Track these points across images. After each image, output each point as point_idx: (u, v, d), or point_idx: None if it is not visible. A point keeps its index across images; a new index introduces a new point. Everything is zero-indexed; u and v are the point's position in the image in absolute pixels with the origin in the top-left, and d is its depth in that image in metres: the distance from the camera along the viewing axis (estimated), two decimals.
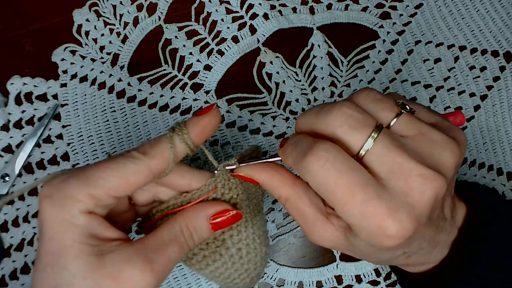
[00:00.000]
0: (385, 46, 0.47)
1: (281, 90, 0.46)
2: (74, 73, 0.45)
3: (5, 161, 0.43)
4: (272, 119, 0.45)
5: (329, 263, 0.42)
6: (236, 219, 0.29)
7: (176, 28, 0.47)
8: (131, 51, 0.46)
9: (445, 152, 0.25)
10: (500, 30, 0.47)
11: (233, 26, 0.47)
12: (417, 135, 0.25)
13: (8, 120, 0.44)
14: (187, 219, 0.28)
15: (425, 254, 0.28)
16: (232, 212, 0.28)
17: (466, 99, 0.46)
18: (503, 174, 0.44)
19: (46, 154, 0.44)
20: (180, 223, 0.27)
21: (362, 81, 0.46)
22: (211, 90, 0.46)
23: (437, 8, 0.48)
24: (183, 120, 0.28)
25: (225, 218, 0.28)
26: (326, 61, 0.47)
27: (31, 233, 0.42)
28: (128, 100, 0.45)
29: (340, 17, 0.48)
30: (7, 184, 0.42)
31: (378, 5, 0.48)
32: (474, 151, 0.45)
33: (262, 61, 0.47)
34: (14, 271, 0.41)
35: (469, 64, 0.47)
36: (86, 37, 0.46)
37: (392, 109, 0.26)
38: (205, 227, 0.28)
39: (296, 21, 0.48)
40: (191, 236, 0.28)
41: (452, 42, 0.47)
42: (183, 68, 0.46)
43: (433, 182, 0.23)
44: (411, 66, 0.47)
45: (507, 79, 0.46)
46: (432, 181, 0.23)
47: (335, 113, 0.25)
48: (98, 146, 0.44)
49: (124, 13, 0.47)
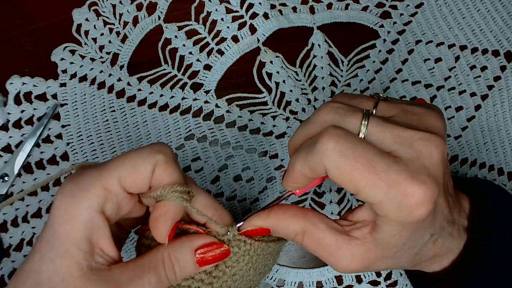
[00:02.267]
0: (386, 45, 0.47)
1: (281, 90, 0.46)
2: (74, 73, 0.45)
3: (4, 161, 0.43)
4: (272, 119, 0.45)
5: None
6: (224, 256, 0.27)
7: (176, 28, 0.47)
8: (130, 51, 0.46)
9: (431, 118, 0.26)
10: (501, 29, 0.47)
11: (233, 26, 0.47)
12: (399, 112, 0.26)
13: (7, 120, 0.44)
14: (170, 249, 0.26)
15: (448, 237, 0.28)
16: (222, 248, 0.27)
17: (467, 98, 0.46)
18: (504, 174, 0.44)
19: (45, 154, 0.44)
20: (163, 252, 0.26)
21: (363, 81, 0.46)
22: (211, 89, 0.46)
23: (437, 8, 0.48)
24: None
25: (213, 254, 0.27)
26: (327, 60, 0.47)
27: (30, 233, 0.42)
28: (128, 99, 0.45)
29: (341, 16, 0.48)
30: (6, 184, 0.42)
31: (378, 5, 0.48)
32: (475, 151, 0.45)
33: (262, 61, 0.46)
34: (14, 271, 0.41)
35: (470, 63, 0.47)
36: (85, 37, 0.46)
37: (369, 100, 0.27)
38: (189, 260, 0.27)
39: (296, 20, 0.47)
40: (173, 268, 0.26)
41: (452, 41, 0.47)
42: (183, 68, 0.46)
43: (434, 142, 0.24)
44: (412, 66, 0.47)
45: (508, 79, 0.46)
46: (433, 141, 0.24)
47: (323, 109, 0.26)
48: (97, 145, 0.44)
49: (124, 12, 0.47)
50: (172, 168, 0.26)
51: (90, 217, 0.24)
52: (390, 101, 0.27)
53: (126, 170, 0.25)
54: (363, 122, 0.24)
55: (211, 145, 0.44)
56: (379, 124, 0.24)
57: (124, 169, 0.25)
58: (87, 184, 0.25)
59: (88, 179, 0.25)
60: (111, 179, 0.25)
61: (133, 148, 0.44)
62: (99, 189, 0.25)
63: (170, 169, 0.26)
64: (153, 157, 0.25)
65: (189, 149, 0.44)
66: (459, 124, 0.45)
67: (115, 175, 0.25)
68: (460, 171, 0.44)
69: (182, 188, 0.26)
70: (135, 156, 0.25)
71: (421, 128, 0.25)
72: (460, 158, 0.44)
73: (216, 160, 0.44)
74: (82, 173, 0.26)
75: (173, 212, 0.26)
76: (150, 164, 0.25)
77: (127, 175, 0.25)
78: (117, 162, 0.25)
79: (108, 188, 0.25)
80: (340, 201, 0.43)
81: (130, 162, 0.25)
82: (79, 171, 0.26)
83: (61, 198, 0.25)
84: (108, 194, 0.25)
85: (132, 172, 0.25)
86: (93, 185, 0.25)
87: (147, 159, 0.25)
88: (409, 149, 0.24)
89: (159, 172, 0.26)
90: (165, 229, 0.26)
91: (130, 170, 0.25)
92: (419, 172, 0.23)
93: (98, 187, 0.25)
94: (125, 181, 0.25)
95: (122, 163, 0.25)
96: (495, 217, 0.30)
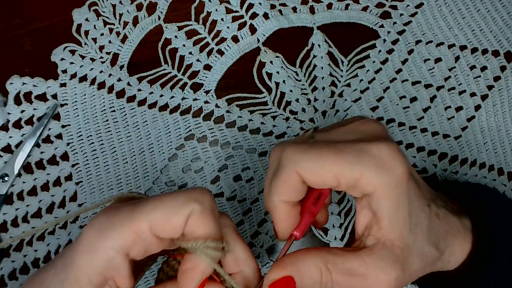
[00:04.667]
0: (386, 45, 0.47)
1: (281, 90, 0.46)
2: (74, 73, 0.45)
3: (4, 161, 0.43)
4: (272, 119, 0.45)
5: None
6: None
7: (176, 28, 0.47)
8: (130, 51, 0.46)
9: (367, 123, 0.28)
10: (501, 29, 0.47)
11: (233, 26, 0.47)
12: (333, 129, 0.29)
13: (7, 120, 0.44)
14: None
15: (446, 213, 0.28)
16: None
17: (466, 98, 0.46)
18: (504, 174, 0.44)
19: (45, 154, 0.44)
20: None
21: (363, 81, 0.46)
22: (211, 90, 0.46)
23: (437, 8, 0.48)
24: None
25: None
26: (327, 60, 0.47)
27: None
28: (128, 100, 0.45)
29: (341, 16, 0.48)
30: (6, 184, 0.42)
31: (378, 5, 0.48)
32: (475, 151, 0.45)
33: (262, 61, 0.46)
34: (13, 271, 0.41)
35: (469, 63, 0.47)
36: (85, 37, 0.46)
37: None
38: None
39: (296, 20, 0.47)
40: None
41: (452, 41, 0.47)
42: (183, 68, 0.46)
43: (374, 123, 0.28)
44: (412, 66, 0.47)
45: (508, 79, 0.46)
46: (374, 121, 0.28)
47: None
48: (97, 146, 0.44)
49: (124, 12, 0.47)
50: (208, 220, 0.25)
51: (111, 257, 0.24)
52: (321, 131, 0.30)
53: (158, 217, 0.24)
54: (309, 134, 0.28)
55: (211, 145, 0.44)
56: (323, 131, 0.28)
57: (156, 215, 0.24)
58: (117, 223, 0.24)
59: (120, 218, 0.24)
60: (141, 224, 0.24)
61: (133, 149, 0.44)
62: (127, 231, 0.24)
63: (206, 220, 0.25)
64: (188, 206, 0.24)
65: (189, 149, 0.44)
66: (459, 124, 0.45)
67: (146, 220, 0.24)
68: (460, 171, 0.44)
69: (215, 244, 0.25)
70: (170, 202, 0.24)
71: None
72: (460, 158, 0.44)
73: (216, 160, 0.44)
74: (116, 209, 0.25)
75: (203, 268, 0.25)
76: (184, 214, 0.24)
77: (159, 222, 0.24)
78: (150, 206, 0.24)
79: (137, 232, 0.24)
80: (340, 201, 0.43)
81: (164, 209, 0.24)
82: (116, 204, 0.26)
83: (90, 230, 0.24)
84: (136, 238, 0.24)
85: (164, 219, 0.24)
86: (122, 225, 0.24)
87: (182, 208, 0.24)
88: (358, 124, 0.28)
89: (193, 222, 0.24)
90: (192, 285, 0.25)
91: (162, 217, 0.24)
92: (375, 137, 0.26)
93: (127, 230, 0.24)
94: (156, 228, 0.24)
95: (155, 208, 0.24)
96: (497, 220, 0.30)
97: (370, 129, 0.28)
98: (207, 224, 0.25)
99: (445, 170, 0.44)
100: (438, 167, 0.44)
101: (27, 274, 0.41)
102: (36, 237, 0.42)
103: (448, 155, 0.45)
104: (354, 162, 0.25)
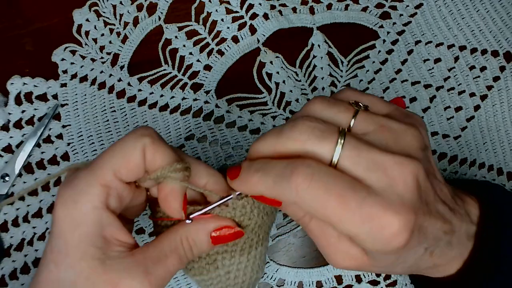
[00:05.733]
0: (385, 46, 0.47)
1: (281, 90, 0.46)
2: (74, 73, 0.46)
3: (5, 161, 0.43)
4: (272, 119, 0.45)
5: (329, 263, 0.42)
6: (237, 236, 0.28)
7: (176, 28, 0.47)
8: (131, 51, 0.46)
9: (407, 137, 0.25)
10: (500, 30, 0.47)
11: (233, 26, 0.47)
12: (377, 128, 0.25)
13: (8, 120, 0.44)
14: (187, 232, 0.28)
15: (447, 246, 0.27)
16: (234, 229, 0.28)
17: (466, 99, 0.46)
18: (503, 174, 0.44)
19: (46, 154, 0.44)
20: (181, 235, 0.27)
21: (362, 81, 0.46)
22: (211, 90, 0.46)
23: (437, 8, 0.48)
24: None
25: (226, 234, 0.28)
26: (326, 61, 0.47)
27: (31, 233, 0.42)
28: (128, 100, 0.45)
29: (340, 17, 0.48)
30: (7, 184, 0.42)
31: (378, 5, 0.48)
32: (474, 151, 0.45)
33: (262, 61, 0.47)
34: (14, 271, 0.41)
35: (469, 64, 0.47)
36: (86, 37, 0.46)
37: (348, 110, 0.26)
38: (205, 241, 0.28)
39: (296, 21, 0.48)
40: (190, 249, 0.28)
41: (452, 42, 0.47)
42: (183, 68, 0.46)
43: (408, 167, 0.24)
44: (411, 66, 0.47)
45: (507, 79, 0.46)
46: (407, 166, 0.24)
47: (299, 127, 0.25)
48: (98, 146, 0.44)
49: (124, 13, 0.47)
50: (162, 147, 0.26)
51: (98, 216, 0.25)
52: (368, 115, 0.26)
53: (118, 162, 0.25)
54: (337, 147, 0.24)
55: (211, 145, 0.44)
56: (353, 148, 0.24)
57: (115, 161, 0.25)
58: (84, 186, 0.25)
59: (84, 180, 0.25)
60: (106, 175, 0.25)
61: None
62: (97, 187, 0.25)
63: (160, 148, 0.26)
64: (139, 142, 0.25)
65: (189, 149, 0.44)
66: (458, 124, 0.45)
67: (109, 169, 0.25)
68: (459, 171, 0.44)
69: (180, 165, 0.26)
70: (122, 145, 0.26)
71: (395, 150, 0.24)
72: (459, 158, 0.45)
73: (216, 160, 0.44)
74: (75, 177, 0.26)
75: (177, 188, 0.26)
76: (139, 150, 0.25)
77: (120, 166, 0.25)
78: (107, 156, 0.25)
79: (106, 184, 0.25)
80: None
81: (119, 153, 0.25)
82: (71, 175, 0.26)
83: (63, 206, 0.25)
84: (107, 190, 0.25)
85: (124, 162, 0.25)
86: (90, 185, 0.25)
87: (135, 145, 0.25)
88: (382, 176, 0.23)
89: (150, 155, 0.26)
90: (177, 204, 0.26)
91: (121, 160, 0.25)
92: (392, 203, 0.23)
93: (96, 186, 0.25)
94: (120, 172, 0.25)
95: (112, 156, 0.25)
96: (506, 221, 0.29)
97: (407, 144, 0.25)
98: (163, 151, 0.26)
99: (445, 170, 0.44)
100: (438, 167, 0.44)
101: (28, 274, 0.41)
102: (36, 237, 0.42)
103: (448, 155, 0.45)
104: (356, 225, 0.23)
